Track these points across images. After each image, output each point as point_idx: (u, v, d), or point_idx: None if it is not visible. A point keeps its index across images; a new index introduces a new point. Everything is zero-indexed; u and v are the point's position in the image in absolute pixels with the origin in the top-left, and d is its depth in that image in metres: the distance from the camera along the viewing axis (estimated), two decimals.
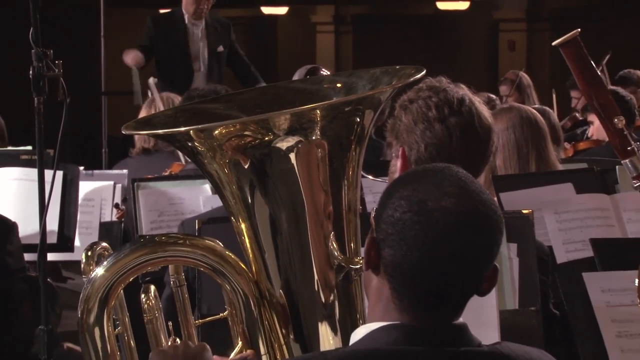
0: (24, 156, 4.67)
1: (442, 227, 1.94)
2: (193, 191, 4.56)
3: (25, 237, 4.08)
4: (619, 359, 3.03)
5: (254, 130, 2.18)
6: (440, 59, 12.85)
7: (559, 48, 3.49)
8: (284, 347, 2.27)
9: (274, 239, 2.25)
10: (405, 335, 1.97)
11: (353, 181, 2.26)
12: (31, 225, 3.92)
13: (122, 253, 2.27)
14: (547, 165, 4.52)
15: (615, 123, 3.45)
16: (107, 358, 2.29)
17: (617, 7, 14.18)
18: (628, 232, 3.95)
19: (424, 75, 2.30)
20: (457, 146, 3.00)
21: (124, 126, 2.37)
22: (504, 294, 2.95)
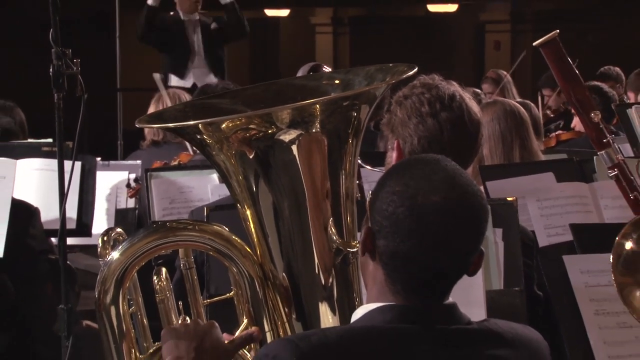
0: (45, 148, 4.67)
1: (432, 221, 1.95)
2: (201, 180, 4.56)
3: (46, 222, 4.08)
4: (597, 335, 3.03)
5: (258, 123, 2.18)
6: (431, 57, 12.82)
7: (540, 48, 3.48)
8: (286, 325, 2.27)
9: (277, 224, 2.24)
10: (399, 315, 1.98)
11: (350, 171, 2.25)
12: (52, 212, 3.93)
13: (136, 238, 2.27)
14: (530, 153, 4.52)
15: (592, 117, 3.44)
16: (122, 335, 2.30)
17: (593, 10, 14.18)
18: (605, 218, 3.94)
19: (415, 72, 2.30)
20: (447, 139, 3.00)
21: (137, 120, 2.37)
22: (490, 275, 2.95)
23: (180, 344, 2.22)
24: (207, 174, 4.53)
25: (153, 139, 5.85)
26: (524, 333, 2.07)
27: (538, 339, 2.08)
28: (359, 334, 1.97)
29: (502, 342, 2.01)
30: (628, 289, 2.39)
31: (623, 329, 3.01)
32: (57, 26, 3.14)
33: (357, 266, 2.19)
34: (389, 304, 1.99)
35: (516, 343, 2.03)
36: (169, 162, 5.27)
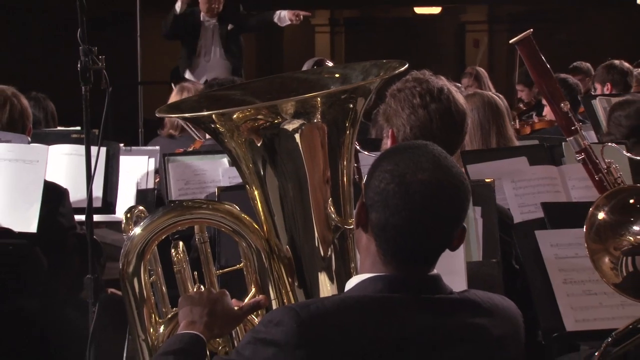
0: (74, 135, 4.67)
1: (418, 196, 1.94)
2: (214, 164, 4.55)
3: (75, 202, 4.09)
4: (566, 301, 3.03)
5: (265, 114, 2.17)
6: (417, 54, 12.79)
7: (515, 45, 3.47)
8: (290, 293, 2.27)
9: (282, 204, 2.23)
10: (389, 285, 1.97)
11: (348, 156, 2.24)
12: (80, 192, 3.92)
13: (155, 215, 2.28)
14: (505, 139, 4.52)
15: (562, 107, 3.44)
16: (143, 301, 2.30)
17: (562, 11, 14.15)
18: (572, 197, 3.94)
19: (406, 68, 2.30)
20: (436, 128, 3.01)
21: (157, 110, 2.36)
22: (470, 248, 2.95)
23: (195, 309, 2.22)
24: (218, 158, 4.52)
25: (170, 132, 5.87)
26: (501, 303, 2.06)
27: (513, 308, 2.08)
28: (352, 302, 1.97)
29: (480, 311, 2.01)
30: (598, 255, 2.38)
31: (588, 296, 3.02)
32: (84, 26, 3.13)
33: (353, 241, 2.19)
34: (379, 275, 1.99)
35: (493, 312, 2.03)
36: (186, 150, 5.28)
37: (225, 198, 2.92)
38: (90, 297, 3.14)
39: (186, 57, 7.95)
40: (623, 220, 2.40)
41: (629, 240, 2.36)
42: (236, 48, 7.98)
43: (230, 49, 7.90)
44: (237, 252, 2.36)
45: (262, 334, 1.91)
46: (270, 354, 1.88)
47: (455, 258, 2.64)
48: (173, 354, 2.09)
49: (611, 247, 2.39)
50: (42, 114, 5.74)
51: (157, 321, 2.34)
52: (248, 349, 1.91)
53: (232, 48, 7.92)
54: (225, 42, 7.84)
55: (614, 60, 7.00)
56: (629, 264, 2.39)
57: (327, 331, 1.90)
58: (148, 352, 2.31)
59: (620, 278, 2.37)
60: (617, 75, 6.73)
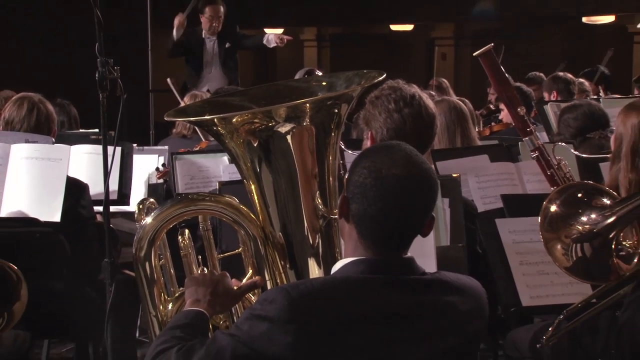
0: (93, 136, 4.65)
1: (393, 189, 1.94)
2: (215, 161, 4.53)
3: (94, 195, 4.06)
4: (522, 280, 3.04)
5: (261, 118, 2.16)
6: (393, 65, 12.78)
7: (478, 57, 3.47)
8: (282, 275, 2.26)
9: (275, 196, 2.22)
10: (369, 267, 1.97)
11: (333, 154, 2.23)
12: (98, 186, 3.89)
13: (165, 206, 2.26)
14: (469, 139, 4.52)
15: (519, 111, 3.44)
16: (154, 282, 2.29)
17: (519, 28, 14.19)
18: (527, 190, 3.95)
19: (384, 77, 2.29)
20: (409, 130, 3.00)
21: (166, 114, 2.35)
22: (439, 234, 2.95)
23: (199, 289, 2.21)
24: (219, 156, 4.50)
25: (183, 132, 5.89)
26: (468, 282, 2.06)
27: (478, 287, 2.07)
28: (337, 282, 1.96)
29: (450, 290, 2.01)
30: (551, 243, 2.38)
31: (541, 275, 3.03)
32: (102, 40, 3.11)
33: (338, 229, 2.18)
34: (360, 258, 1.98)
35: (461, 290, 2.02)
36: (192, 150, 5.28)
37: (225, 191, 2.91)
38: (107, 278, 3.12)
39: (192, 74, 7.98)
40: (572, 212, 2.39)
41: (578, 229, 2.35)
42: (232, 63, 8.06)
43: (227, 64, 7.98)
44: (236, 239, 2.34)
45: (258, 311, 1.90)
46: (265, 328, 1.87)
47: (426, 243, 2.64)
48: (180, 328, 2.08)
49: (562, 236, 2.39)
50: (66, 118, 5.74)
51: (165, 299, 2.33)
52: (246, 324, 1.90)
53: (229, 63, 8.00)
54: (223, 57, 7.89)
55: (559, 72, 7.11)
56: (578, 250, 2.39)
57: (315, 308, 1.89)
58: (158, 326, 2.30)
59: (571, 262, 2.37)
60: (561, 84, 6.82)
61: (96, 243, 3.79)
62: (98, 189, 3.98)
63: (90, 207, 4.02)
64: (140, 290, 2.31)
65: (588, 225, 2.30)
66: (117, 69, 3.17)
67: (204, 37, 7.84)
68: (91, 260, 3.83)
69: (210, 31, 7.78)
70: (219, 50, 7.86)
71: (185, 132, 5.89)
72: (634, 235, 2.40)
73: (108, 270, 3.11)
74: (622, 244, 2.37)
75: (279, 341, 1.86)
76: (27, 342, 3.53)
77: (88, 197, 4.01)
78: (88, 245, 3.90)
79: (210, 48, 7.88)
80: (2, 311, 3.28)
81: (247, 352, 1.88)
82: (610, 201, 2.40)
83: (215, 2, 7.71)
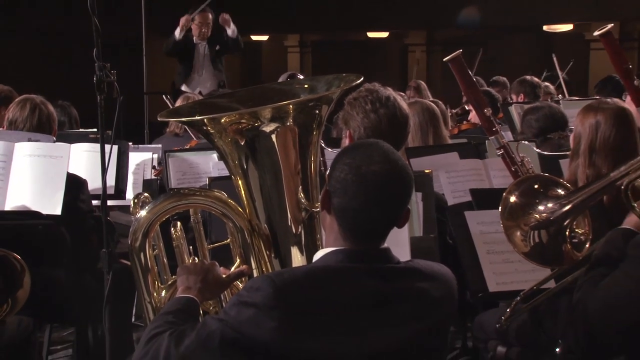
0: (91, 135, 4.61)
1: (372, 184, 1.93)
2: (205, 158, 4.51)
3: (92, 189, 4.05)
4: (489, 268, 3.04)
5: (247, 118, 2.15)
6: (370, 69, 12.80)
7: (448, 63, 3.47)
8: (267, 264, 2.25)
9: (261, 191, 2.21)
10: (348, 256, 1.96)
11: (315, 152, 2.22)
12: (96, 182, 3.88)
13: (158, 200, 2.25)
14: (440, 138, 4.52)
15: (485, 112, 3.45)
16: (148, 270, 2.28)
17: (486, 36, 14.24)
18: (494, 184, 3.96)
19: (361, 80, 2.28)
20: (384, 129, 2.99)
21: (159, 114, 2.34)
22: (413, 225, 2.94)
23: (190, 277, 2.20)
24: (209, 154, 4.48)
25: (175, 131, 5.87)
26: (439, 270, 2.06)
27: (449, 273, 2.07)
28: (318, 271, 1.95)
29: (423, 277, 2.00)
30: (511, 230, 2.38)
31: (507, 264, 3.03)
32: (99, 46, 3.07)
33: (319, 221, 2.17)
34: (340, 248, 1.97)
35: (433, 277, 2.02)
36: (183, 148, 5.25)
37: (214, 186, 2.90)
38: (105, 267, 3.09)
39: (183, 73, 8.04)
40: (530, 202, 2.39)
41: (535, 218, 2.35)
42: (221, 65, 8.12)
43: (217, 67, 8.02)
44: (225, 231, 2.33)
45: (244, 298, 1.89)
46: (252, 314, 1.86)
47: (401, 234, 2.63)
48: (172, 314, 2.07)
49: (521, 224, 2.39)
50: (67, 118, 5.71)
51: (159, 287, 2.31)
52: (233, 310, 1.89)
53: (218, 66, 8.04)
54: (213, 61, 7.93)
55: (526, 76, 7.13)
56: (535, 236, 2.38)
57: (298, 295, 1.88)
58: (152, 312, 2.29)
59: (529, 248, 2.36)
60: (528, 87, 6.82)
61: (94, 234, 3.77)
62: (96, 184, 3.97)
63: (88, 201, 4.00)
64: (135, 278, 2.29)
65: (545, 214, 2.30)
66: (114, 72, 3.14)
67: (195, 42, 7.89)
68: (90, 250, 3.82)
69: (200, 37, 7.89)
70: (210, 53, 7.93)
71: (178, 131, 5.88)
72: (585, 224, 2.40)
73: (106, 259, 3.08)
74: (575, 231, 2.37)
75: (265, 326, 1.85)
76: (31, 327, 3.50)
77: (87, 192, 3.99)
78: (87, 237, 3.89)
79: (201, 52, 7.94)
80: (7, 298, 3.27)
81: (234, 335, 1.87)
82: (564, 192, 2.41)
83: (204, 10, 7.79)
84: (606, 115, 3.09)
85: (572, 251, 2.30)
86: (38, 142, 4.03)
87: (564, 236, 2.28)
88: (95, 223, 3.81)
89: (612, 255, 2.05)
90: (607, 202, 2.85)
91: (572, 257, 2.31)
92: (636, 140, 3.13)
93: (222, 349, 1.88)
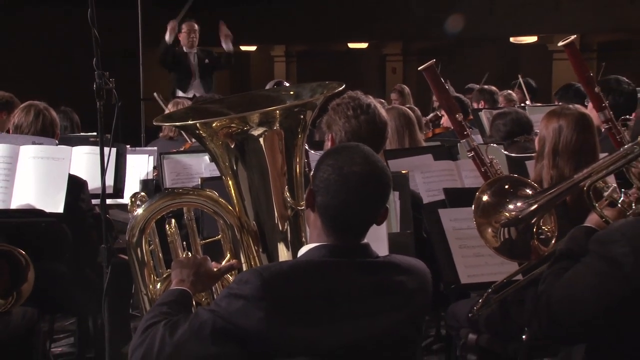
0: (91, 139, 4.59)
1: (353, 184, 1.92)
2: (198, 160, 4.49)
3: (92, 189, 4.02)
4: (461, 262, 3.04)
5: (237, 123, 2.13)
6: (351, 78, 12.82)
7: (423, 72, 3.47)
8: (256, 258, 2.23)
9: (250, 190, 2.19)
10: (330, 251, 1.95)
11: (299, 154, 2.21)
12: (96, 182, 3.85)
13: (154, 199, 2.23)
14: (415, 141, 4.53)
15: (457, 117, 3.45)
16: (144, 264, 2.26)
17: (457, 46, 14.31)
18: (465, 184, 3.96)
19: (343, 88, 2.27)
20: (365, 133, 2.99)
21: (155, 119, 2.32)
22: (391, 222, 2.95)
23: (184, 270, 2.19)
24: (201, 156, 4.45)
25: (169, 135, 5.84)
26: (415, 264, 2.05)
27: (423, 267, 2.06)
28: (303, 265, 1.94)
29: (400, 271, 1.99)
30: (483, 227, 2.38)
31: (477, 257, 3.04)
32: (99, 55, 3.05)
33: (304, 218, 2.16)
34: (323, 244, 1.96)
35: (409, 271, 2.01)
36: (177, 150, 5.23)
37: (206, 186, 2.87)
38: (104, 262, 3.06)
39: (176, 78, 8.05)
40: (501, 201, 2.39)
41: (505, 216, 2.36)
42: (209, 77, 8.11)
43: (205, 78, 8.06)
44: (216, 227, 2.31)
45: (234, 290, 1.88)
46: (241, 305, 1.85)
47: (380, 230, 2.62)
48: (167, 305, 2.05)
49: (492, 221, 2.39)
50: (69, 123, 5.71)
51: (155, 279, 2.29)
52: (224, 301, 1.88)
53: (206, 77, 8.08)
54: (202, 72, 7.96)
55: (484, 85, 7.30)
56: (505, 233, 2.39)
57: (284, 287, 1.87)
58: (148, 303, 2.27)
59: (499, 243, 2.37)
60: (487, 95, 6.94)
61: (94, 231, 3.75)
62: (96, 184, 3.94)
63: (88, 200, 3.98)
64: (132, 272, 2.27)
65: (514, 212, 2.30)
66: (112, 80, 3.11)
67: (185, 51, 7.93)
68: (90, 246, 3.80)
69: (188, 44, 7.91)
70: (198, 66, 7.92)
71: (172, 135, 5.86)
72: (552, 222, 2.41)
73: (105, 254, 3.06)
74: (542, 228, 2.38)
75: (253, 316, 1.84)
76: (35, 317, 3.48)
77: (87, 192, 3.98)
78: (87, 233, 3.87)
79: (191, 60, 7.95)
80: (12, 291, 3.26)
81: (225, 325, 1.86)
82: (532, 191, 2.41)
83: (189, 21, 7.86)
84: (568, 120, 3.11)
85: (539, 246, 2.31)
86: (41, 145, 4.02)
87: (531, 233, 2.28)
88: (94, 220, 3.80)
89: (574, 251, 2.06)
90: (570, 202, 2.87)
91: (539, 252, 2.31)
92: (595, 143, 3.15)
93: (214, 338, 1.86)
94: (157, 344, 1.90)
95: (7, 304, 3.25)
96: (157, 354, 1.89)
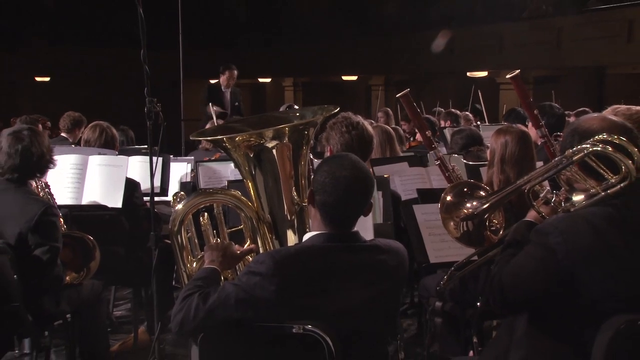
0: (143, 151, 4.59)
1: (344, 185, 1.90)
2: (225, 167, 4.47)
3: (143, 189, 4.05)
4: (430, 246, 3.02)
5: (255, 137, 2.11)
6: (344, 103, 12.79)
7: (400, 98, 3.45)
8: (270, 243, 2.21)
9: (265, 190, 2.17)
10: (328, 238, 1.93)
11: (304, 162, 2.19)
12: (146, 183, 3.83)
13: (191, 197, 2.21)
14: (394, 152, 4.50)
15: (427, 134, 3.42)
16: (183, 248, 2.25)
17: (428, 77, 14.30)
18: (434, 186, 3.94)
19: (338, 110, 2.26)
20: (356, 146, 2.98)
21: (191, 135, 2.33)
22: (375, 215, 2.93)
23: (213, 253, 2.17)
24: (228, 163, 4.44)
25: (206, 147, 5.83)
26: (394, 245, 2.03)
27: (402, 248, 2.04)
28: (307, 248, 1.92)
29: (382, 251, 1.97)
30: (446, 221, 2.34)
31: (443, 242, 3.01)
32: (149, 85, 3.03)
33: (307, 212, 2.14)
34: (322, 232, 1.94)
35: (390, 251, 1.99)
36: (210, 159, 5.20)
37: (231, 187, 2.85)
38: (152, 245, 3.05)
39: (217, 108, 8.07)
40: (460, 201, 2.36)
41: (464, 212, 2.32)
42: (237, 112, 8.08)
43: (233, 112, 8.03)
44: (239, 219, 2.29)
45: (252, 268, 1.86)
46: (258, 280, 1.83)
47: (367, 221, 2.61)
48: (201, 280, 2.04)
49: (454, 216, 2.35)
50: (125, 138, 5.74)
51: (191, 260, 2.27)
52: (245, 277, 1.86)
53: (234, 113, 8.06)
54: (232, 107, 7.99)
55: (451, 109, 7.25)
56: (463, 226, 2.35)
57: (292, 266, 1.85)
58: (187, 278, 2.25)
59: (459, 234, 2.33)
60: (452, 116, 6.95)
61: (145, 221, 3.74)
62: (146, 185, 3.92)
63: (141, 197, 4.00)
64: (174, 254, 2.26)
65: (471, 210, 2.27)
66: (159, 105, 3.10)
67: (223, 90, 7.95)
68: (142, 233, 3.78)
69: (226, 86, 7.95)
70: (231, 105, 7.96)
71: (208, 147, 5.81)
72: (500, 217, 2.38)
73: (153, 240, 3.05)
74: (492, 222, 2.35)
75: (268, 289, 1.82)
76: (100, 287, 3.48)
77: (140, 191, 4.00)
78: (140, 223, 3.88)
79: (227, 97, 7.96)
80: (83, 267, 3.27)
81: (245, 296, 1.84)
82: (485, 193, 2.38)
83: (231, 68, 7.87)
84: (512, 136, 3.10)
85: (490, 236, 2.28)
86: (105, 155, 4.06)
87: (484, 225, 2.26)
88: (145, 213, 3.78)
89: (518, 240, 2.04)
90: (514, 201, 2.84)
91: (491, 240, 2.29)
92: (533, 154, 3.14)
93: (237, 306, 1.85)
94: (193, 310, 1.89)
95: (79, 277, 3.29)
96: (193, 317, 1.88)
